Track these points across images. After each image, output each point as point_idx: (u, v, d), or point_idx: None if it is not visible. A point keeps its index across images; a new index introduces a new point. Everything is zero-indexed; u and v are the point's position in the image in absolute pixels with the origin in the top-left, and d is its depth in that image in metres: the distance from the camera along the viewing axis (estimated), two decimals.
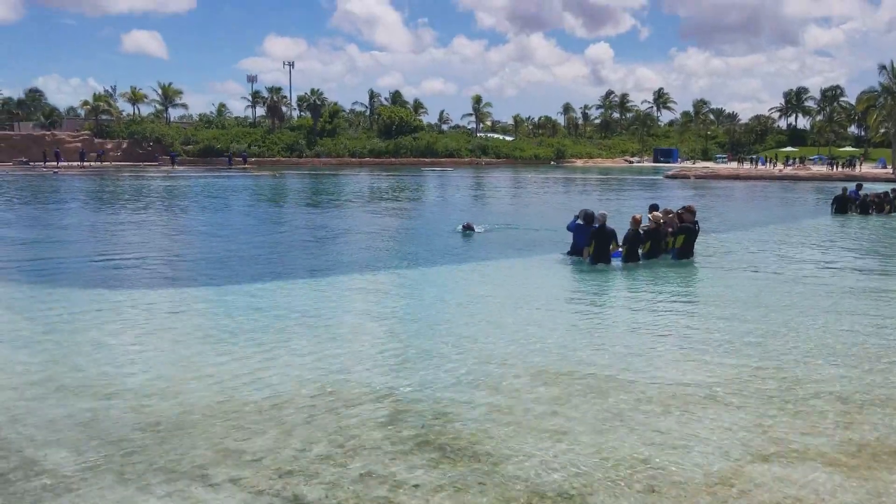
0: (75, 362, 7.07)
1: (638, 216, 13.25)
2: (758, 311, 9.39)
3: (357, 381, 6.50)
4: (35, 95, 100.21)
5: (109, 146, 75.66)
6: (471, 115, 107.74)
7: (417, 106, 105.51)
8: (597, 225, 12.75)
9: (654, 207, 14.24)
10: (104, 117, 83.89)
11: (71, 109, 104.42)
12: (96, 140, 75.87)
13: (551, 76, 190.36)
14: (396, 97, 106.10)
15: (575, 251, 13.30)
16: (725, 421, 5.50)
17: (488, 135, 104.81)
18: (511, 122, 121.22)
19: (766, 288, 11.08)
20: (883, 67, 54.20)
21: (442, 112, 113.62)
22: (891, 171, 54.15)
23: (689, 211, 13.70)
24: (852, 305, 9.88)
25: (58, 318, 9.01)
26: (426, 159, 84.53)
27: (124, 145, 78.23)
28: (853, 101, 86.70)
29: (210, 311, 9.72)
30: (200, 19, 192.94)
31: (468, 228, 18.09)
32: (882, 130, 59.99)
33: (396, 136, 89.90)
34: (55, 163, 62.75)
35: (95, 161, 67.71)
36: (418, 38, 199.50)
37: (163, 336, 8.20)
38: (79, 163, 64.63)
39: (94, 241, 17.41)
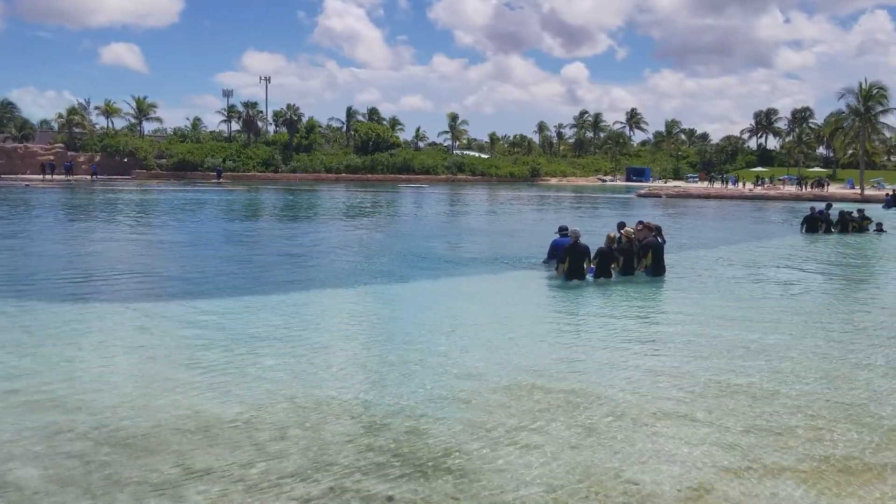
0: (42, 376, 6.93)
1: (612, 234, 13.37)
2: (729, 327, 9.48)
3: (329, 396, 6.45)
4: (7, 108, 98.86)
5: (82, 159, 74.87)
6: (447, 132, 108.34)
7: (394, 123, 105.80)
8: (570, 241, 12.83)
9: (622, 226, 14.27)
10: (77, 130, 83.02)
11: (44, 122, 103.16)
12: (70, 153, 75.14)
13: (528, 95, 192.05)
14: (373, 114, 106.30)
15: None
16: (697, 436, 5.54)
17: (464, 152, 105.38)
18: (487, 139, 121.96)
19: (736, 305, 11.20)
20: (844, 93, 55.38)
21: (418, 129, 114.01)
22: (859, 191, 55.22)
23: (649, 227, 13.77)
24: (821, 322, 10.02)
25: (24, 331, 8.85)
26: (402, 175, 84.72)
27: (97, 158, 77.42)
28: (822, 123, 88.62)
29: (181, 326, 9.59)
30: (180, 33, 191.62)
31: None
32: (850, 152, 61.28)
33: (373, 153, 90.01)
34: (50, 175, 64.21)
35: (63, 174, 67.05)
36: (398, 56, 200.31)
37: (132, 351, 8.08)
38: (41, 176, 64.23)
39: (63, 254, 17.15)
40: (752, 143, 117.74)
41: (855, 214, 24.92)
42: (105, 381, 6.86)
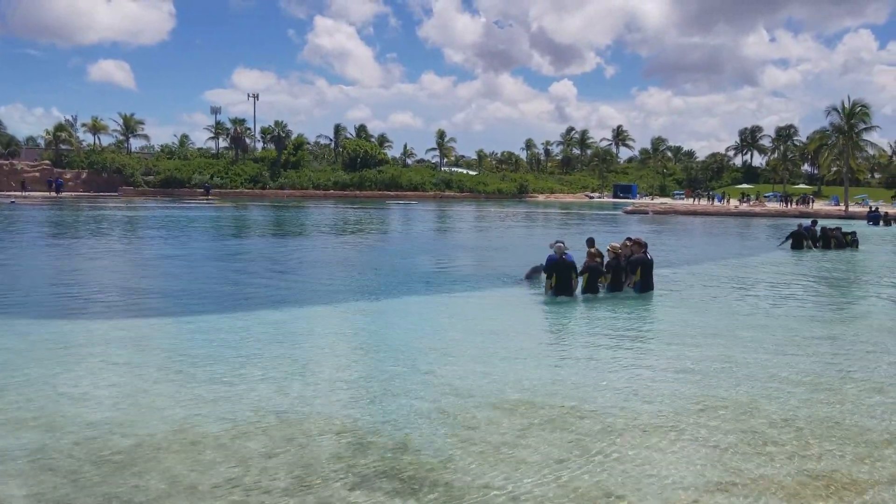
0: (26, 393, 6.88)
1: (593, 250, 13.40)
2: (716, 343, 9.53)
3: (317, 412, 6.43)
4: None
5: (68, 176, 74.58)
6: (435, 149, 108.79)
7: (382, 140, 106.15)
8: (556, 257, 12.80)
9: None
10: (63, 147, 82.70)
11: (31, 139, 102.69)
12: (56, 170, 74.89)
13: (517, 112, 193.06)
14: (361, 130, 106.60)
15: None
16: (684, 451, 5.56)
17: (452, 169, 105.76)
18: (475, 156, 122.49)
19: (723, 320, 11.26)
20: (830, 110, 56.16)
21: (405, 146, 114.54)
22: (843, 208, 55.73)
23: (638, 243, 13.75)
24: (807, 337, 10.08)
25: (8, 348, 8.77)
26: (390, 192, 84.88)
27: (83, 175, 77.13)
28: (806, 140, 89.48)
29: (167, 342, 9.55)
30: (170, 51, 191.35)
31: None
32: (834, 169, 61.92)
33: (361, 169, 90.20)
34: (55, 193, 65.93)
35: (54, 192, 67.12)
36: (387, 73, 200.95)
37: (118, 367, 8.03)
38: (21, 192, 64.47)
39: (49, 271, 17.03)
40: (738, 161, 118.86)
41: (836, 231, 25.17)
42: (91, 397, 6.81)
